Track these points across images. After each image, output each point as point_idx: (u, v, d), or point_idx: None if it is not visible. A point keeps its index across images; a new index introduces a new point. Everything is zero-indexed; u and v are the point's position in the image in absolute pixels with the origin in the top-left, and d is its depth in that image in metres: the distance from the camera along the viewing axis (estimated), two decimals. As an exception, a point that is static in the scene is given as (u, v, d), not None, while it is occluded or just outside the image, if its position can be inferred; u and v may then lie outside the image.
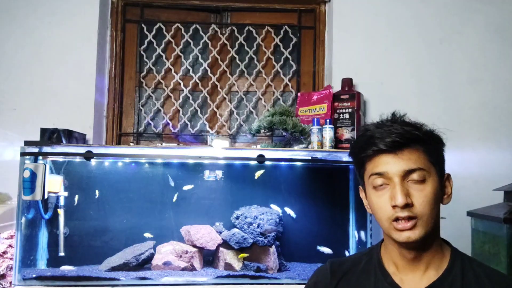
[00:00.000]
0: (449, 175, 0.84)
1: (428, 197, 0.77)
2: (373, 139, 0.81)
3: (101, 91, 2.02)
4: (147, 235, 1.68)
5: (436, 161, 0.81)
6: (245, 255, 1.62)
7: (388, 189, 0.80)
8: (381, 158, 0.80)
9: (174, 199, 1.72)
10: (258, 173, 1.71)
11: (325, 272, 0.92)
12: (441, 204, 0.83)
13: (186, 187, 1.72)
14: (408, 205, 0.76)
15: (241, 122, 2.16)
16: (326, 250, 1.70)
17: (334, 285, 0.89)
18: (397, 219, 0.77)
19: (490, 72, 1.98)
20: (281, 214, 1.73)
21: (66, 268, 1.60)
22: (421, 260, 0.82)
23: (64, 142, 1.59)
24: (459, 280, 0.79)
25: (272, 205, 1.75)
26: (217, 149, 1.61)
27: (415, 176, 0.78)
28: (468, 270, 0.80)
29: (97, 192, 1.70)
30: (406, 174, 0.78)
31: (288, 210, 1.75)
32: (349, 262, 0.92)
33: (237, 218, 1.70)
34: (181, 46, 2.15)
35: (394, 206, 0.77)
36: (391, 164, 0.79)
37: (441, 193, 0.82)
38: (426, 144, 0.81)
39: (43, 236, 1.66)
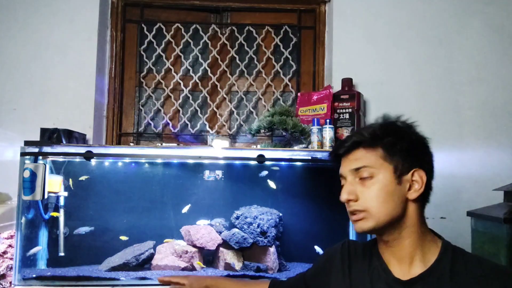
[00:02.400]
0: (417, 170, 0.85)
1: (374, 192, 0.84)
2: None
3: (101, 91, 2.02)
4: (122, 238, 1.67)
5: (393, 157, 0.85)
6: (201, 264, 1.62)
7: None
8: (342, 161, 0.92)
9: (185, 210, 1.71)
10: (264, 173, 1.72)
11: (337, 249, 1.01)
12: (427, 202, 0.89)
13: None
14: (351, 200, 0.86)
15: (241, 122, 2.16)
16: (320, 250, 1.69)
17: (347, 264, 0.95)
18: (351, 213, 0.88)
19: (490, 72, 1.98)
20: (281, 214, 1.73)
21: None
22: (401, 252, 0.86)
23: (64, 142, 1.59)
24: (448, 272, 0.81)
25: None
26: (217, 149, 1.61)
27: (362, 173, 0.86)
28: (458, 261, 0.82)
29: (83, 177, 1.67)
30: (354, 173, 0.87)
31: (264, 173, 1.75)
32: (360, 246, 0.99)
33: (237, 218, 1.70)
34: (181, 46, 2.15)
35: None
36: (343, 166, 0.90)
37: (400, 188, 0.84)
38: (380, 142, 0.86)
39: (43, 236, 1.66)
